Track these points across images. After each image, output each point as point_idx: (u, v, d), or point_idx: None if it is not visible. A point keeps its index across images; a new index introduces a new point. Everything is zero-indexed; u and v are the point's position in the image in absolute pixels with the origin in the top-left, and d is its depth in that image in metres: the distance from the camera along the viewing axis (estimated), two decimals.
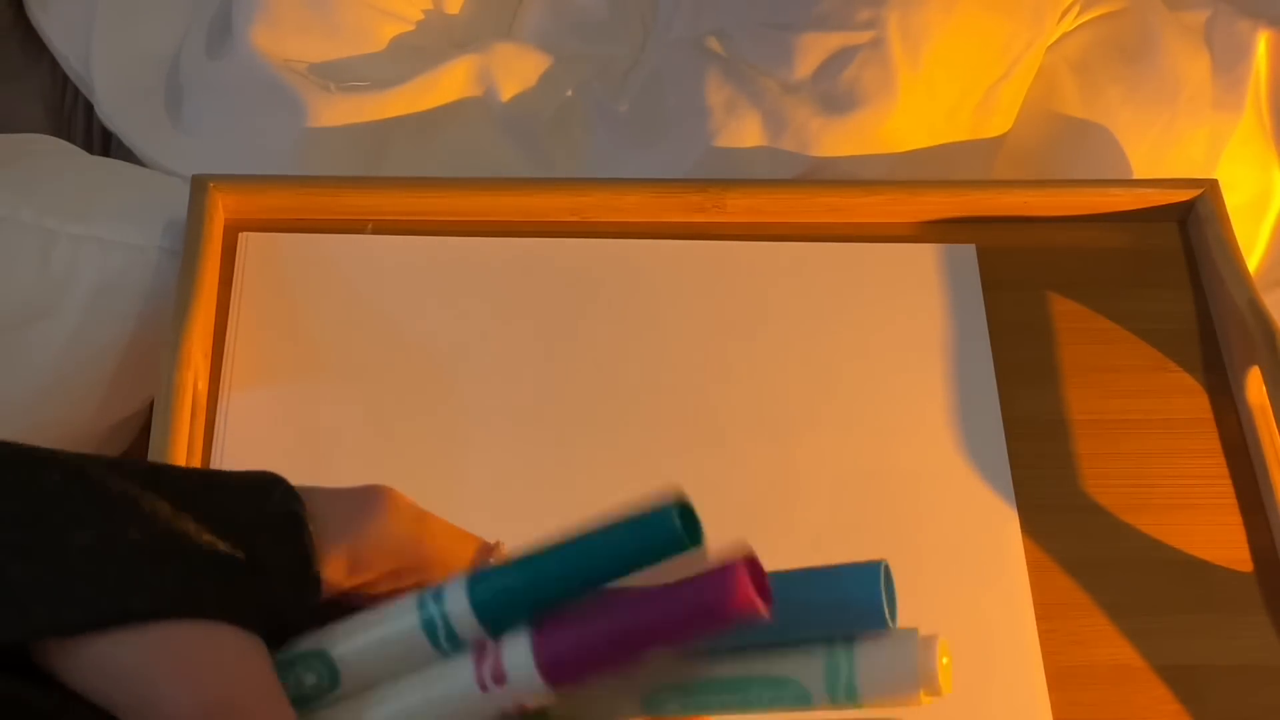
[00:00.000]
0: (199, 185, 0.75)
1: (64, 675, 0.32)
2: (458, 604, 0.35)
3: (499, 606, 0.35)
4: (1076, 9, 0.91)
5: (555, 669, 0.34)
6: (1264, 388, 0.72)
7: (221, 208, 0.75)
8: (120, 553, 0.32)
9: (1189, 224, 0.80)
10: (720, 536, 0.68)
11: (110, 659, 0.32)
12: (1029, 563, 0.69)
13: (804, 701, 0.35)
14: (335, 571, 0.35)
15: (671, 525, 0.34)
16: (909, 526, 0.69)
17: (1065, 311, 0.77)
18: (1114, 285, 0.78)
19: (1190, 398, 0.75)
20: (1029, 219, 0.80)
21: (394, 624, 0.35)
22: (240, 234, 0.76)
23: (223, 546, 0.33)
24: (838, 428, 0.72)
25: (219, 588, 0.33)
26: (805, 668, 0.35)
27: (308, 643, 0.36)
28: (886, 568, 0.36)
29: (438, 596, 0.35)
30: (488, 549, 0.39)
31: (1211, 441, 0.73)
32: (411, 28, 0.91)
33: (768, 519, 0.69)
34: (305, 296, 0.74)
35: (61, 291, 0.75)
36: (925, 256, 0.78)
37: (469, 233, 0.77)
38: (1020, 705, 0.65)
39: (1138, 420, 0.74)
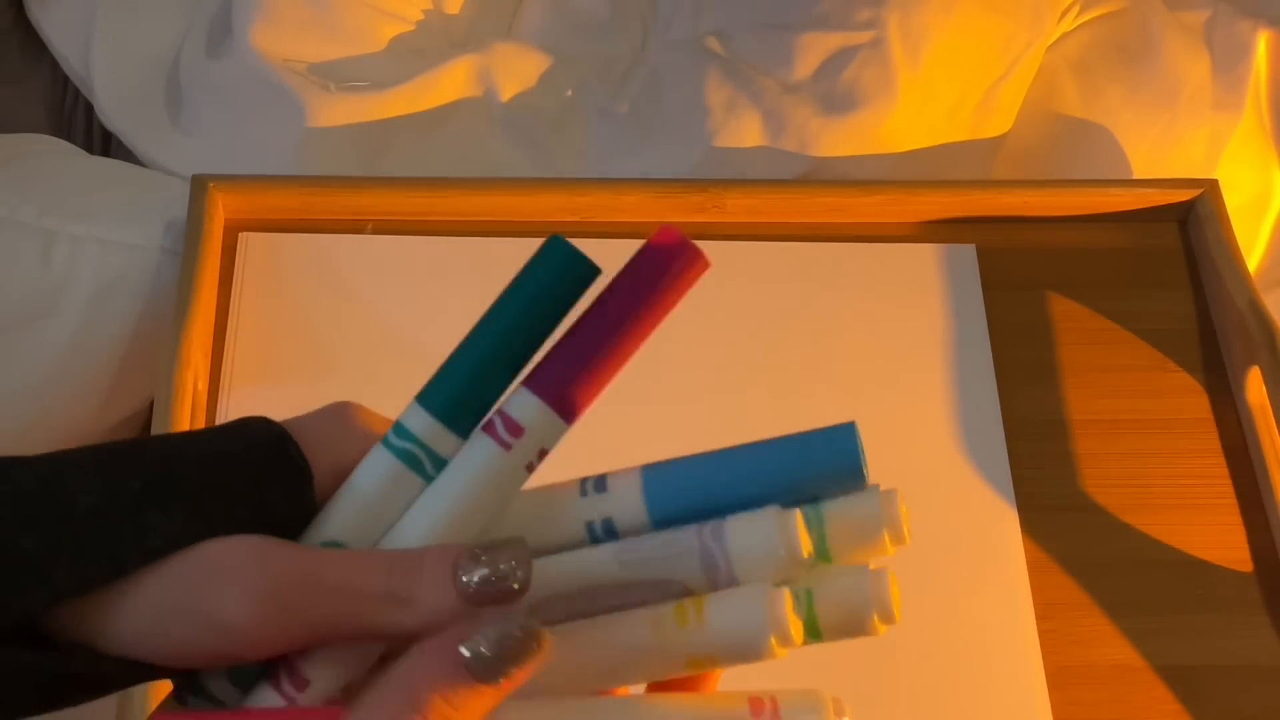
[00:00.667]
0: (199, 185, 0.75)
1: (98, 640, 0.32)
2: (417, 422, 0.36)
3: (454, 404, 0.36)
4: (1076, 9, 0.91)
5: (563, 398, 0.35)
6: (1264, 388, 0.72)
7: (221, 208, 0.75)
8: (126, 504, 0.33)
9: (1189, 224, 0.80)
10: None
11: (144, 601, 0.32)
12: (1029, 562, 0.69)
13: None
14: (325, 480, 0.36)
15: (564, 248, 0.37)
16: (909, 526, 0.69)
17: (1065, 311, 0.77)
18: (1114, 285, 0.78)
19: (1190, 398, 0.75)
20: (1029, 219, 0.80)
21: (372, 473, 0.36)
22: (240, 234, 0.76)
23: (221, 476, 0.34)
24: None
25: (227, 509, 0.34)
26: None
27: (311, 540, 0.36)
28: (857, 428, 0.37)
29: (399, 432, 0.36)
30: None
31: (1211, 441, 0.73)
32: (411, 28, 0.91)
33: None
34: (305, 296, 0.74)
35: (61, 291, 0.75)
36: (925, 256, 0.78)
37: (469, 233, 0.77)
38: (1020, 705, 0.65)
39: (1138, 420, 0.74)
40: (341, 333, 0.73)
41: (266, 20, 0.86)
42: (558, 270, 0.37)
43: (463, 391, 0.36)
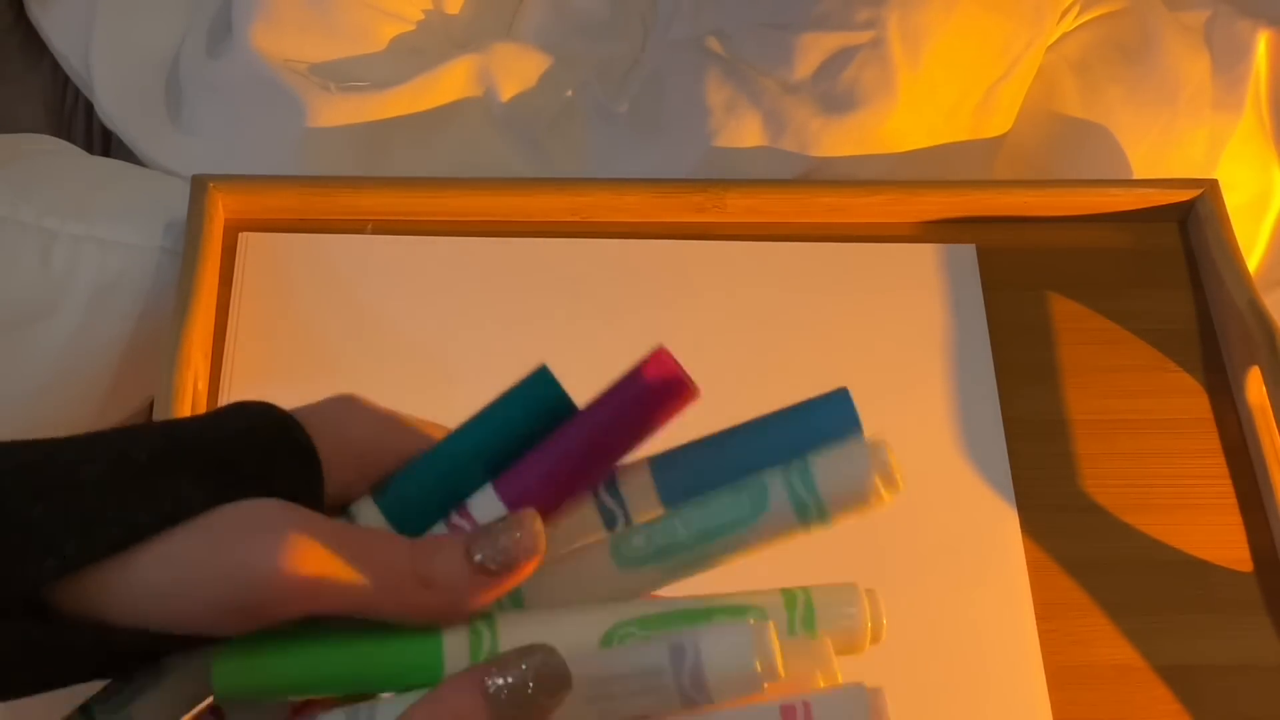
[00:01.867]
0: (199, 185, 0.75)
1: (112, 612, 0.32)
2: (368, 517, 0.36)
3: (408, 513, 0.36)
4: (1076, 9, 0.91)
5: (522, 504, 0.35)
6: (1264, 388, 0.72)
7: (221, 208, 0.75)
8: (134, 474, 0.32)
9: (1189, 224, 0.80)
10: None
11: (165, 565, 0.32)
12: (1029, 562, 0.69)
13: (762, 509, 0.36)
14: (334, 462, 0.36)
15: (549, 382, 0.37)
16: (909, 526, 0.69)
17: (1065, 311, 0.77)
18: (1114, 285, 0.78)
19: (1190, 398, 0.75)
20: (1029, 219, 0.80)
21: None
22: (240, 234, 0.76)
23: (228, 452, 0.34)
24: None
25: (238, 482, 0.34)
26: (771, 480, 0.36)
27: None
28: (849, 392, 0.39)
29: (347, 515, 0.36)
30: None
31: (1211, 441, 0.73)
32: (411, 28, 0.91)
33: None
34: (305, 296, 0.74)
35: (61, 291, 0.75)
36: (925, 256, 0.78)
37: (469, 233, 0.77)
38: (1020, 705, 0.65)
39: (1138, 420, 0.74)
40: (341, 333, 0.73)
41: (267, 20, 0.86)
42: (538, 400, 0.38)
43: (418, 498, 0.36)
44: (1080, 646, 0.67)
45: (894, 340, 0.75)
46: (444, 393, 0.72)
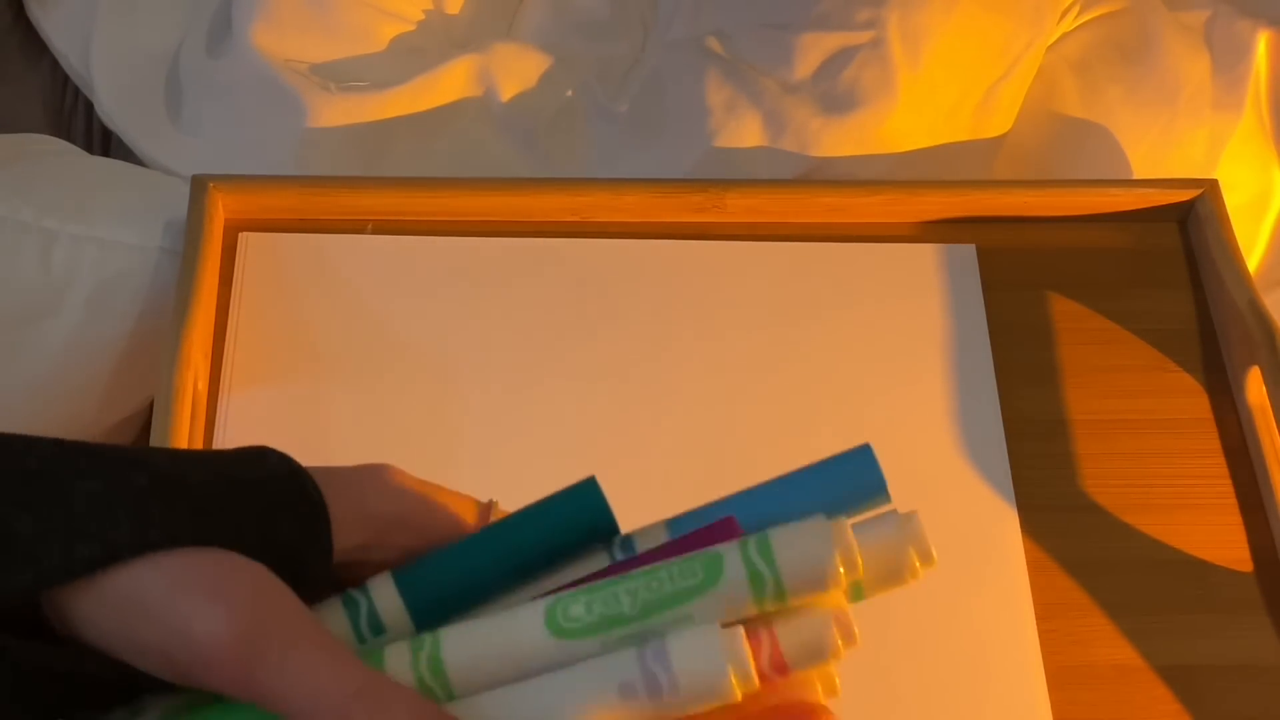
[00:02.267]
0: (199, 185, 0.75)
1: (82, 629, 0.31)
2: (385, 597, 0.35)
3: (426, 598, 0.35)
4: (1076, 9, 0.91)
5: None
6: (1264, 388, 0.72)
7: (221, 208, 0.75)
8: (129, 496, 0.32)
9: (1189, 224, 0.80)
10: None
11: (132, 593, 0.31)
12: (1029, 562, 0.69)
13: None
14: (351, 529, 0.35)
15: (595, 495, 0.34)
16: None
17: (1065, 311, 0.77)
18: (1114, 285, 0.78)
19: (1190, 398, 0.75)
20: (1029, 219, 0.80)
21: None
22: (240, 234, 0.76)
23: (232, 493, 0.33)
24: (838, 428, 0.72)
25: (235, 526, 0.33)
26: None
27: None
28: (872, 449, 0.37)
29: (364, 590, 0.35)
30: (486, 508, 0.39)
31: (1211, 441, 0.73)
32: (411, 28, 0.91)
33: None
34: (305, 296, 0.74)
35: (61, 291, 0.75)
36: (925, 256, 0.78)
37: (469, 233, 0.77)
38: (1020, 705, 0.65)
39: (1138, 420, 0.74)
40: (341, 333, 0.73)
41: (267, 20, 0.86)
42: (583, 518, 0.35)
43: (439, 588, 0.35)
44: (1080, 646, 0.67)
45: (894, 340, 0.75)
46: (443, 393, 0.72)
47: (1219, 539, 0.70)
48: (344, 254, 0.76)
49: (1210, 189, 0.79)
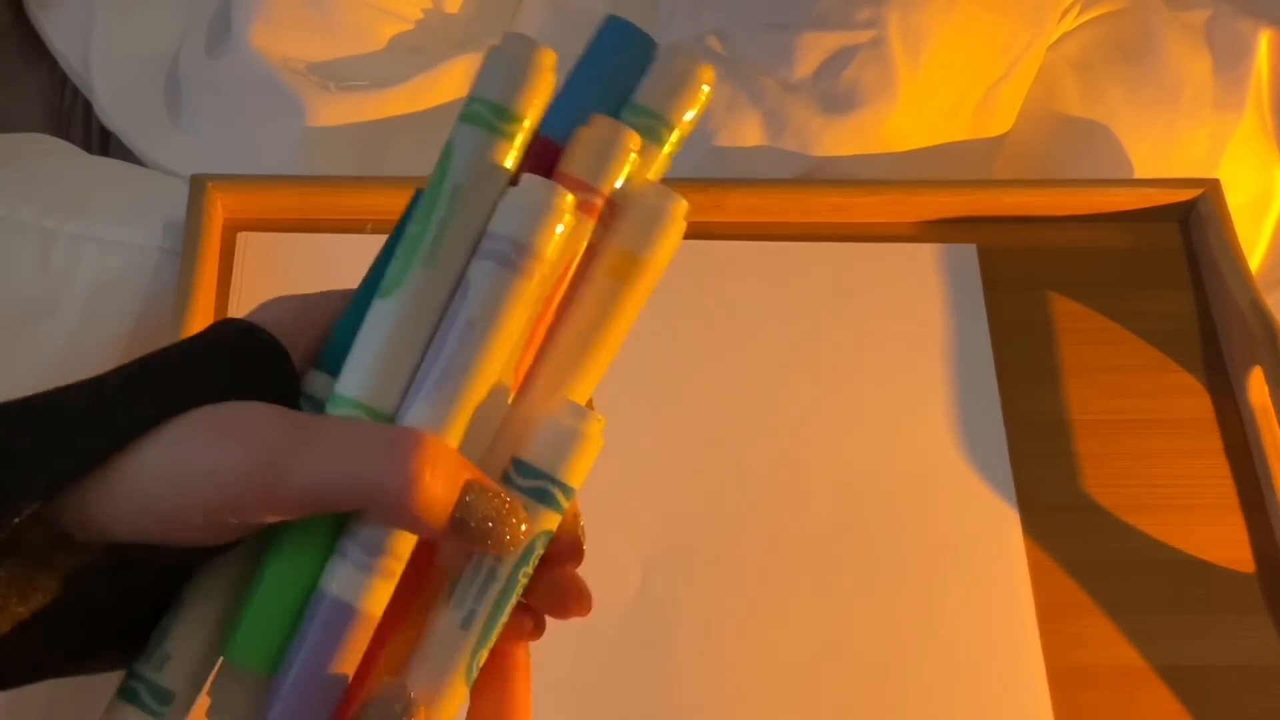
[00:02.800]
0: (198, 185, 0.74)
1: (112, 526, 0.33)
2: (322, 388, 0.37)
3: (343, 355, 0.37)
4: (1077, 9, 0.91)
5: None
6: (1266, 388, 0.72)
7: (220, 207, 0.75)
8: (114, 396, 0.34)
9: (1190, 224, 0.80)
10: (721, 533, 0.68)
11: (148, 468, 0.33)
12: (1030, 563, 0.69)
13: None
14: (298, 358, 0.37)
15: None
16: (909, 526, 0.69)
17: (1066, 311, 0.77)
18: (1115, 285, 0.78)
19: (1192, 398, 0.75)
20: (1029, 219, 0.80)
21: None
22: (239, 234, 0.76)
23: (198, 362, 0.35)
24: (838, 428, 0.72)
25: (211, 384, 0.35)
26: None
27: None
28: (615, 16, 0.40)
29: (309, 399, 0.37)
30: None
31: (1213, 442, 0.73)
32: (411, 27, 0.91)
33: (768, 518, 0.69)
34: None
35: (61, 291, 0.75)
36: (925, 256, 0.78)
37: None
38: (1021, 705, 0.65)
39: (1139, 420, 0.74)
40: None
41: (266, 20, 0.86)
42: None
43: (350, 342, 0.37)
44: (1081, 647, 0.67)
45: (894, 340, 0.75)
46: None
47: (1221, 540, 0.70)
48: (343, 254, 0.76)
49: (1212, 189, 0.79)
